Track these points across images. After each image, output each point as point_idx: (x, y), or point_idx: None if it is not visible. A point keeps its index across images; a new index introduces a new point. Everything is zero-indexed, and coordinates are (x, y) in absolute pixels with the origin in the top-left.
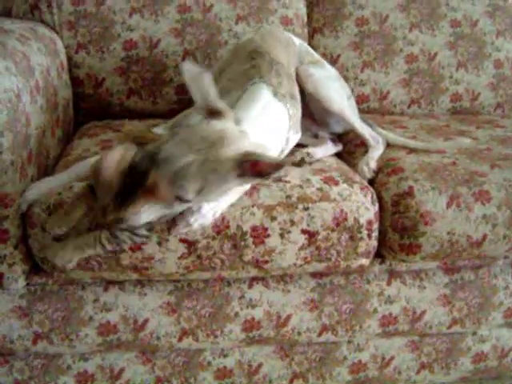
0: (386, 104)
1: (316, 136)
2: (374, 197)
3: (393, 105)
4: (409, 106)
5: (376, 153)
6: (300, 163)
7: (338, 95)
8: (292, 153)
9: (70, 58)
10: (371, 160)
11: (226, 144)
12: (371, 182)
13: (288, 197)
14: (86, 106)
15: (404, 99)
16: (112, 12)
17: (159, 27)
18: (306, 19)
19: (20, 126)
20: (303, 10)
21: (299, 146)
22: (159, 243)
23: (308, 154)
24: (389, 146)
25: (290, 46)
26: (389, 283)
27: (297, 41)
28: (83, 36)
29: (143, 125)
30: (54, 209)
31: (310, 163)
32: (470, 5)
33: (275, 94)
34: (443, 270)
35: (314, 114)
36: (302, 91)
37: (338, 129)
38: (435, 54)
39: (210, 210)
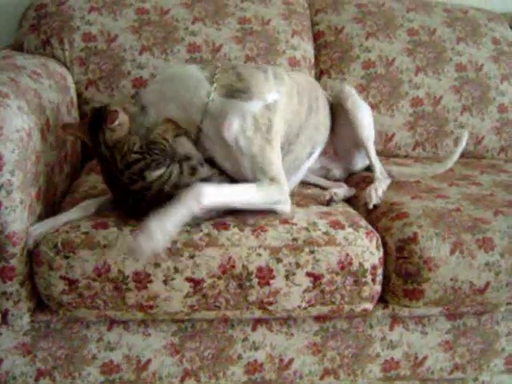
0: (390, 146)
1: (327, 174)
2: (379, 242)
3: (397, 147)
4: (413, 149)
5: (384, 184)
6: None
7: (368, 122)
8: (317, 195)
9: (79, 94)
10: (379, 188)
11: None
12: (374, 224)
13: (294, 239)
14: None
15: (409, 142)
16: (122, 49)
17: (169, 66)
18: (313, 61)
19: (30, 165)
20: (311, 52)
21: (317, 186)
22: (165, 282)
23: (335, 193)
24: (394, 183)
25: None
26: (391, 328)
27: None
28: (93, 72)
29: None
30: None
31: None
32: (475, 49)
33: (202, 68)
34: (446, 316)
35: (337, 145)
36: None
37: (357, 166)
38: (440, 98)
39: (156, 229)
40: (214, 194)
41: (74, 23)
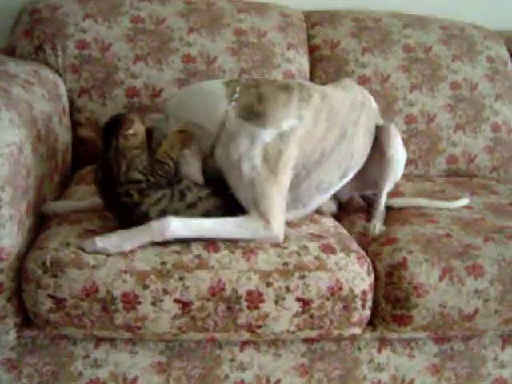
0: None
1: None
2: (370, 267)
3: None
4: (406, 166)
5: (383, 216)
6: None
7: (400, 170)
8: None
9: (72, 102)
10: (382, 220)
11: None
12: (365, 249)
13: (285, 264)
14: (85, 150)
15: None
16: (116, 58)
17: (163, 76)
18: (308, 75)
19: (20, 179)
20: (306, 66)
21: None
22: (153, 303)
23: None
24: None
25: (365, 105)
26: (379, 351)
27: (373, 103)
28: (86, 80)
29: None
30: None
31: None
32: (470, 68)
33: (227, 84)
34: (433, 340)
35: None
36: None
37: (363, 194)
38: (434, 116)
39: (114, 242)
40: (181, 230)
41: (68, 30)
